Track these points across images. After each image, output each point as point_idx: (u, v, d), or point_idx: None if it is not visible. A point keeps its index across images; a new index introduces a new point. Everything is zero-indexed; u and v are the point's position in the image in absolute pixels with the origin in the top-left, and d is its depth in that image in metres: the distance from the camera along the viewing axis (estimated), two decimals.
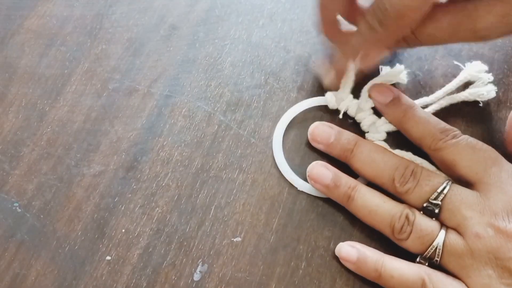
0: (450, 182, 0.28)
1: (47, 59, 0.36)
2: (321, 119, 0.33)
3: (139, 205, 0.31)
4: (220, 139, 0.33)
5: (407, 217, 0.28)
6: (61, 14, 0.38)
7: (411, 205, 0.29)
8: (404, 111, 0.31)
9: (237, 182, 0.32)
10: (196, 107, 0.34)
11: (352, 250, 0.29)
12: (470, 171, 0.29)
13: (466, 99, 0.33)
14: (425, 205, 0.28)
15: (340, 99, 0.33)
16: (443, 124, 0.31)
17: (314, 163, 0.32)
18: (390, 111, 0.32)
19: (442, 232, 0.27)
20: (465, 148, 0.29)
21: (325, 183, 0.30)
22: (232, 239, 0.30)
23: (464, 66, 0.34)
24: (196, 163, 0.32)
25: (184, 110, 0.34)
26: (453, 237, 0.27)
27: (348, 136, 0.32)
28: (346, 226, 0.31)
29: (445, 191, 0.28)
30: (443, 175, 0.30)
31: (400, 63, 0.35)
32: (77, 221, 0.31)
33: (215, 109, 0.34)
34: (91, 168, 0.32)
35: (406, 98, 0.32)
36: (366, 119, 0.33)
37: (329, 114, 0.34)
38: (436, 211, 0.28)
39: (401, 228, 0.28)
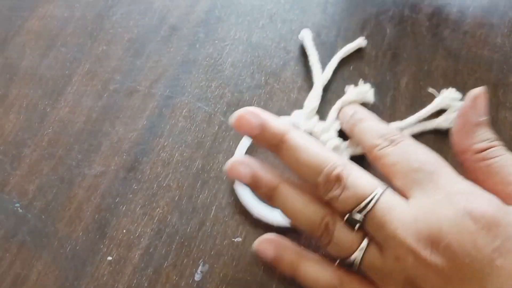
0: (381, 192, 0.25)
1: (48, 60, 0.36)
2: None
3: (140, 206, 0.31)
4: (220, 140, 0.33)
5: (326, 226, 0.26)
6: (62, 15, 0.38)
7: (337, 212, 0.26)
8: (353, 124, 0.30)
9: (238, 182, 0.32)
10: (196, 107, 0.34)
11: (269, 248, 0.28)
12: (404, 187, 0.26)
13: (438, 127, 0.33)
14: (347, 216, 0.26)
15: (305, 120, 0.33)
16: (385, 130, 0.28)
17: (232, 159, 0.29)
18: (343, 124, 0.31)
19: (362, 247, 0.25)
20: (401, 157, 0.26)
21: (245, 182, 0.29)
22: (233, 239, 0.30)
23: (439, 93, 0.34)
24: (197, 164, 0.33)
25: (184, 110, 0.34)
26: (373, 253, 0.25)
27: (273, 129, 0.28)
28: None
29: (370, 205, 0.25)
30: (377, 181, 0.26)
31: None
32: (78, 222, 0.31)
33: (216, 109, 0.34)
34: (92, 169, 0.32)
35: (361, 112, 0.31)
36: (329, 142, 0.32)
37: None
38: (358, 225, 0.25)
39: (321, 235, 0.26)
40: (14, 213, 0.31)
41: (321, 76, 0.34)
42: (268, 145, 0.28)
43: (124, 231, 0.31)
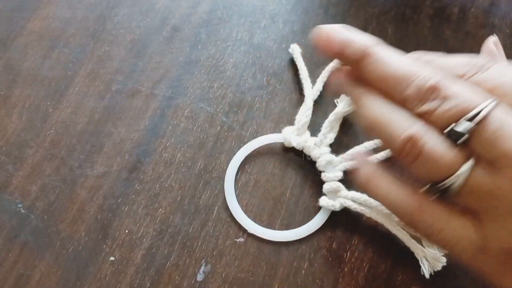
0: (494, 104, 0.21)
1: (50, 61, 0.36)
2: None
3: (142, 206, 0.31)
4: (222, 140, 0.33)
5: (414, 139, 0.22)
6: (64, 16, 0.38)
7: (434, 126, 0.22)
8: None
9: (240, 183, 0.32)
10: (198, 108, 0.34)
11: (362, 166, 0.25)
12: None
13: None
14: (449, 128, 0.21)
15: (295, 137, 0.32)
16: (465, 59, 0.24)
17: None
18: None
19: (468, 164, 0.21)
20: (501, 79, 0.22)
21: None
22: (235, 240, 0.30)
23: None
24: (199, 164, 0.33)
25: (186, 111, 0.34)
26: (481, 174, 0.21)
27: (356, 43, 0.24)
28: (348, 227, 0.31)
29: (481, 114, 0.21)
30: (485, 92, 0.22)
31: None
32: (80, 222, 0.31)
33: (218, 110, 0.34)
34: (94, 169, 0.32)
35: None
36: (321, 157, 0.31)
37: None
38: (462, 139, 0.21)
39: (403, 149, 0.22)
40: (17, 213, 0.31)
41: (311, 91, 0.34)
42: (350, 62, 0.25)
43: (127, 231, 0.31)
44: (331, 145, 0.32)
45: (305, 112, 0.33)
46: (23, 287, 0.29)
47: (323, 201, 0.31)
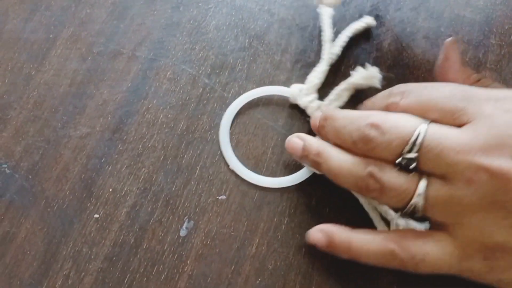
0: (425, 126, 0.24)
1: (32, 24, 0.36)
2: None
3: (125, 166, 0.32)
4: (205, 102, 0.34)
5: (371, 175, 0.25)
6: None
7: (386, 161, 0.25)
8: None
9: None
10: (180, 70, 0.35)
11: (320, 236, 0.28)
12: (444, 119, 0.24)
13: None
14: (397, 161, 0.24)
15: (303, 95, 0.33)
16: (388, 90, 0.28)
17: (290, 136, 0.30)
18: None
19: (422, 185, 0.24)
20: (424, 98, 0.25)
21: (298, 154, 0.29)
22: (217, 197, 0.31)
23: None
24: (182, 125, 0.33)
25: (168, 73, 0.34)
26: (437, 187, 0.24)
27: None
28: (328, 185, 0.31)
29: (419, 139, 0.24)
30: (418, 118, 0.25)
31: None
32: (65, 181, 0.31)
33: (200, 72, 0.35)
34: (77, 130, 0.33)
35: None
36: (310, 105, 0.32)
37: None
38: (412, 166, 0.24)
39: (366, 187, 0.25)
40: (2, 173, 0.31)
41: (328, 54, 0.33)
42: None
43: (110, 190, 0.31)
44: None
45: (318, 74, 0.33)
46: (9, 243, 0.30)
47: None
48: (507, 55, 0.34)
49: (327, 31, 0.34)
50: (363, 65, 0.32)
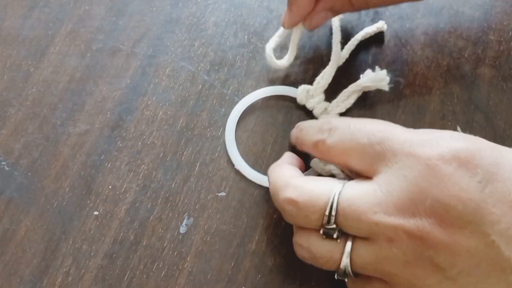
0: (339, 190, 0.24)
1: (31, 21, 0.36)
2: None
3: (125, 163, 0.32)
4: (204, 98, 0.34)
5: (300, 245, 0.25)
6: None
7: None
8: (296, 138, 0.29)
9: (221, 139, 0.33)
10: (180, 66, 0.35)
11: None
12: (364, 168, 0.24)
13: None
14: (321, 231, 0.24)
15: (310, 96, 0.33)
16: (317, 123, 0.27)
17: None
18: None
19: (347, 250, 0.24)
20: (347, 141, 0.25)
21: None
22: (217, 194, 0.31)
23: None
24: (181, 122, 0.33)
25: (168, 69, 0.34)
26: (361, 251, 0.24)
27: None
28: None
29: (333, 212, 0.23)
30: (332, 181, 0.25)
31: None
32: (64, 178, 0.31)
33: (199, 68, 0.35)
34: (76, 127, 0.33)
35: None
36: (317, 107, 0.32)
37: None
38: (335, 234, 0.24)
39: (301, 256, 0.26)
40: (1, 171, 0.31)
41: (337, 56, 0.33)
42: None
43: (110, 187, 0.31)
44: (340, 115, 0.32)
45: (325, 76, 0.33)
46: (9, 241, 0.30)
47: (314, 163, 0.29)
48: (506, 52, 0.34)
49: (336, 34, 0.34)
50: (367, 65, 0.32)
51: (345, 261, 0.24)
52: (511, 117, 0.32)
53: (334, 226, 0.24)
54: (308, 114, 0.33)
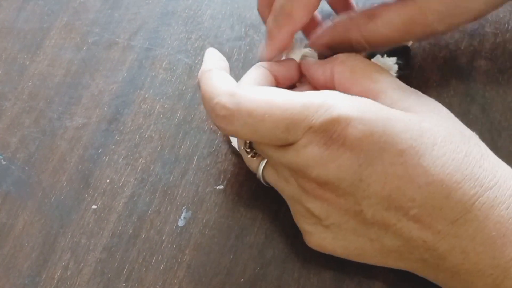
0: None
1: (25, 13, 0.36)
2: None
3: (122, 156, 0.32)
4: None
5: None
6: None
7: None
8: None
9: (219, 132, 0.33)
10: (176, 59, 0.34)
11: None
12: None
13: None
14: (242, 147, 0.28)
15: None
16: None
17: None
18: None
19: (260, 167, 0.28)
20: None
21: None
22: (215, 187, 0.31)
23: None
24: (178, 115, 0.33)
25: (164, 63, 0.34)
26: (270, 172, 0.28)
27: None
28: None
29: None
30: None
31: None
32: (62, 172, 0.31)
33: (196, 61, 0.34)
34: (73, 121, 0.33)
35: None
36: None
37: None
38: (251, 153, 0.28)
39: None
40: None
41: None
42: None
43: (108, 180, 0.31)
44: None
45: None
46: (7, 235, 0.30)
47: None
48: (502, 44, 0.35)
49: None
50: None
51: (258, 173, 0.28)
52: (507, 109, 0.32)
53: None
54: None
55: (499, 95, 0.33)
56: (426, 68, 0.34)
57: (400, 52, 0.33)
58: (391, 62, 0.31)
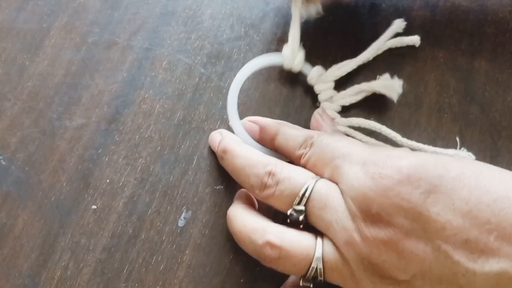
0: (314, 181, 0.25)
1: (25, 14, 0.36)
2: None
3: (122, 156, 0.32)
4: (201, 91, 0.34)
5: (269, 243, 0.25)
6: None
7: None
8: (275, 132, 0.29)
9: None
10: (176, 59, 0.34)
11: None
12: (331, 177, 0.26)
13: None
14: (289, 212, 0.25)
15: (321, 80, 0.32)
16: (303, 135, 0.28)
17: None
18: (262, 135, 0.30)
19: (319, 246, 0.24)
20: (318, 154, 0.27)
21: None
22: (215, 187, 0.31)
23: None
24: (178, 115, 0.33)
25: (164, 63, 0.34)
26: (328, 248, 0.24)
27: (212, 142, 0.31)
28: None
29: (307, 194, 0.25)
30: (310, 173, 0.26)
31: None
32: (61, 172, 0.31)
33: (196, 61, 0.34)
34: (73, 121, 0.33)
35: (274, 122, 0.30)
36: (324, 92, 0.32)
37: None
38: (301, 218, 0.25)
39: (265, 258, 0.25)
40: None
41: (365, 58, 0.33)
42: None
43: (108, 180, 0.31)
44: (342, 108, 0.32)
45: (342, 68, 0.32)
46: (7, 235, 0.30)
47: None
48: (501, 44, 0.35)
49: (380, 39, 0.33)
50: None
51: (317, 256, 0.24)
52: (507, 109, 0.32)
53: (303, 208, 0.25)
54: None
55: (498, 95, 0.33)
56: (426, 68, 0.34)
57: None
58: (397, 86, 0.31)
